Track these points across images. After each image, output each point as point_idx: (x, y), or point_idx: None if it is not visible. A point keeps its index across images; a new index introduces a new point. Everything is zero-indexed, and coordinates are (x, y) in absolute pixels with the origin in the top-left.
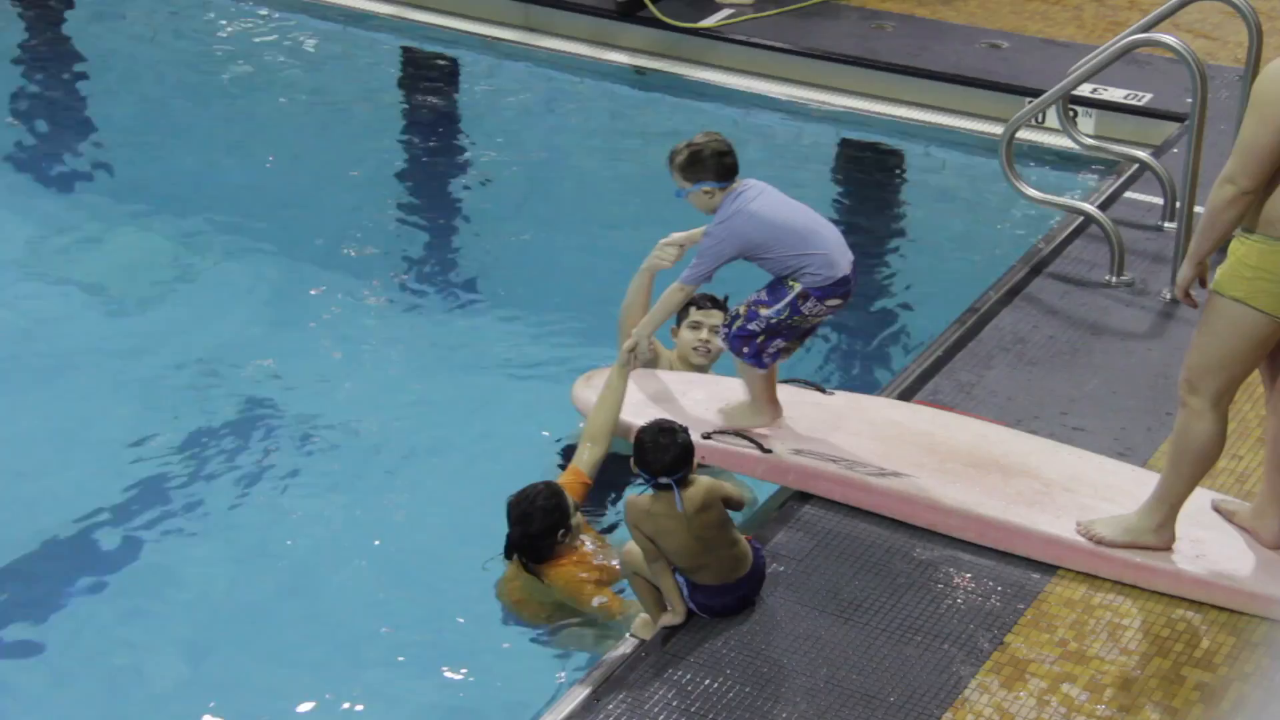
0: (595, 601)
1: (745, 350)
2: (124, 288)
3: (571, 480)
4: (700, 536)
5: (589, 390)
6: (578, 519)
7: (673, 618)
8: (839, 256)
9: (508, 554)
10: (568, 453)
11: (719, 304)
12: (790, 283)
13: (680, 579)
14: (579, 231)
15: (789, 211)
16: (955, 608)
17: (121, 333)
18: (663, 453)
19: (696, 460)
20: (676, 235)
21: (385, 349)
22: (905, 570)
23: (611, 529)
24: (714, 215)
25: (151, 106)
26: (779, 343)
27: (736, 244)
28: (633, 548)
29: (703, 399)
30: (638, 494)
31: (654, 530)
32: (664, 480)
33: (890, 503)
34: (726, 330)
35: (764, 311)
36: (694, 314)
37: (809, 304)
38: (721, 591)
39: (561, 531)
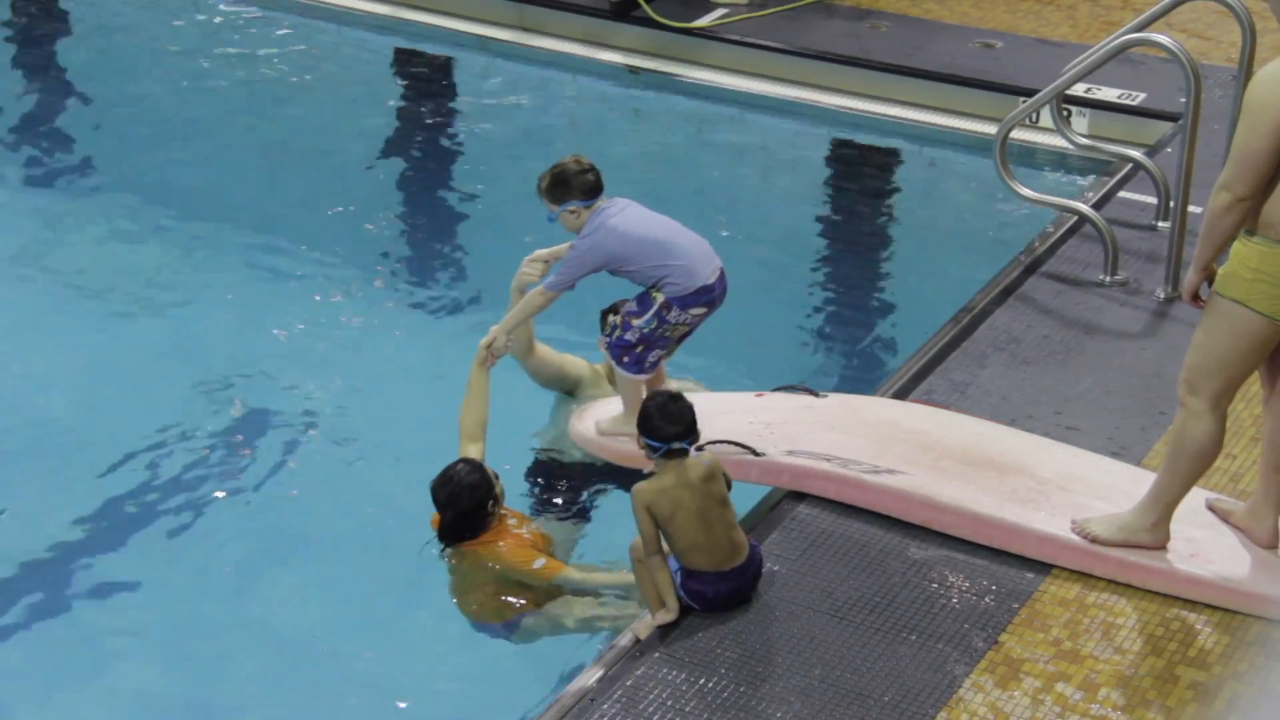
0: (536, 564)
1: (626, 359)
2: (117, 287)
3: None
4: (704, 511)
5: (582, 423)
6: (499, 486)
7: (666, 615)
8: (700, 266)
9: (445, 539)
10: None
11: None
12: (654, 293)
13: (674, 570)
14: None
15: (649, 225)
16: (949, 607)
17: (116, 332)
18: (673, 420)
19: None
20: (541, 251)
21: (378, 347)
22: (899, 570)
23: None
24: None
25: (146, 107)
26: (657, 352)
27: (598, 256)
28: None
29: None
30: (643, 481)
31: (667, 508)
32: (677, 446)
33: (885, 500)
34: (608, 340)
35: (636, 322)
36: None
37: (673, 313)
38: (716, 579)
39: (490, 502)
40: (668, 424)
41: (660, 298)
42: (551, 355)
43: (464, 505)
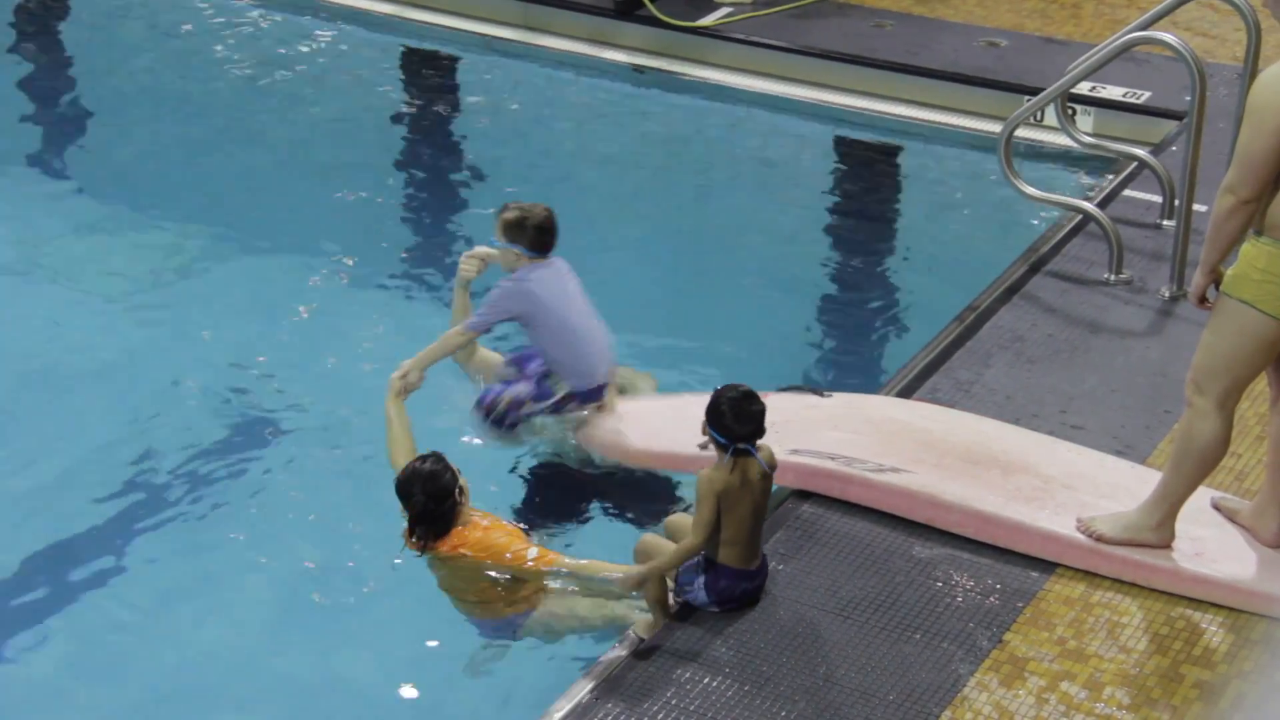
0: (530, 553)
1: (483, 414)
2: (116, 288)
3: None
4: (756, 510)
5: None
6: (463, 480)
7: (662, 619)
8: (600, 364)
9: (418, 533)
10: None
11: None
12: (557, 385)
13: (699, 578)
14: (574, 230)
15: (565, 301)
16: (954, 606)
17: (112, 333)
18: (747, 420)
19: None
20: (480, 249)
21: (379, 347)
22: (904, 569)
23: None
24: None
25: (146, 105)
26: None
27: (511, 307)
28: (651, 538)
29: (668, 414)
30: (711, 470)
31: (731, 501)
32: (743, 446)
33: (890, 498)
34: (481, 398)
35: (518, 398)
36: None
37: (571, 405)
38: (742, 577)
39: (457, 490)
40: (740, 424)
41: (564, 390)
42: (492, 358)
43: (432, 490)
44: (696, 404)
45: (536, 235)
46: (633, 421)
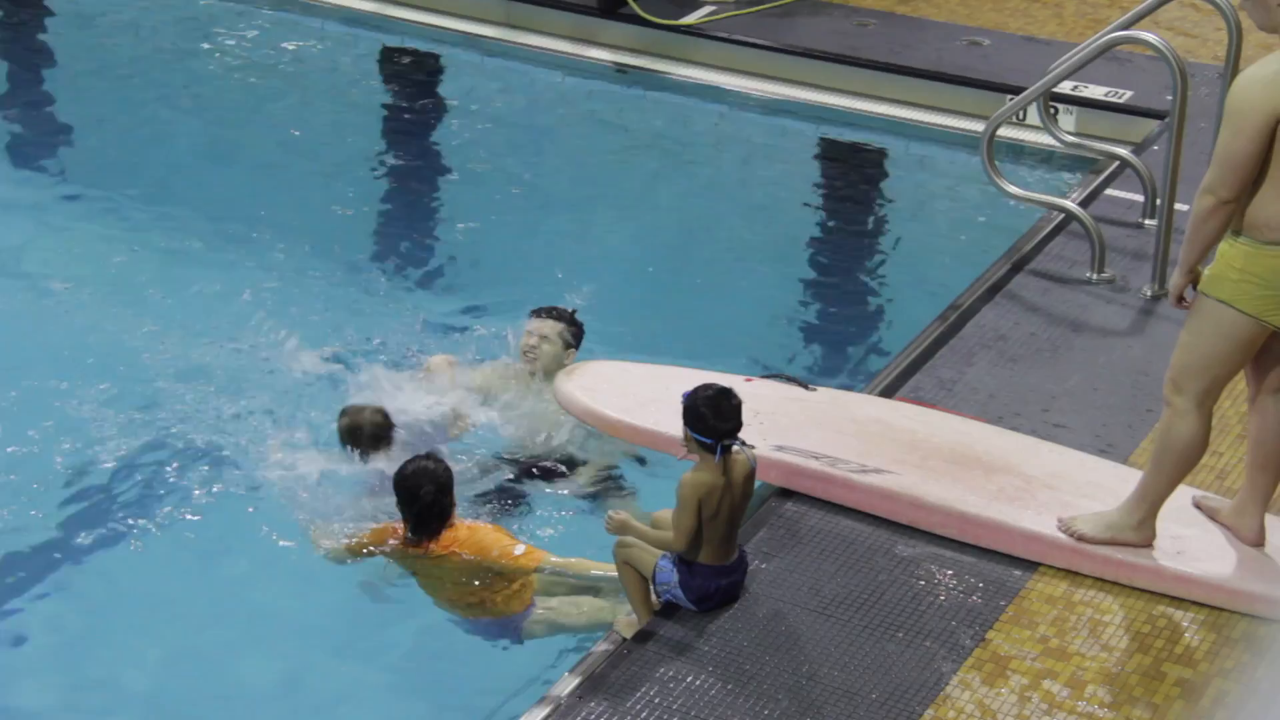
0: (517, 550)
1: None
2: (104, 286)
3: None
4: (734, 511)
5: (570, 383)
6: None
7: (642, 619)
8: None
9: (419, 527)
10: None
11: (555, 313)
12: None
13: (674, 576)
14: (561, 228)
15: None
16: (937, 604)
17: (101, 331)
18: (728, 417)
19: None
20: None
21: (369, 345)
22: (887, 567)
23: None
24: None
25: (131, 103)
26: None
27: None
28: (627, 540)
29: (650, 387)
30: (693, 473)
31: (712, 506)
32: (727, 443)
33: (873, 499)
34: None
35: None
36: (529, 322)
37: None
38: (719, 573)
39: (451, 488)
40: (721, 421)
41: None
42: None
43: (440, 485)
44: (678, 380)
45: (369, 443)
46: (613, 388)
